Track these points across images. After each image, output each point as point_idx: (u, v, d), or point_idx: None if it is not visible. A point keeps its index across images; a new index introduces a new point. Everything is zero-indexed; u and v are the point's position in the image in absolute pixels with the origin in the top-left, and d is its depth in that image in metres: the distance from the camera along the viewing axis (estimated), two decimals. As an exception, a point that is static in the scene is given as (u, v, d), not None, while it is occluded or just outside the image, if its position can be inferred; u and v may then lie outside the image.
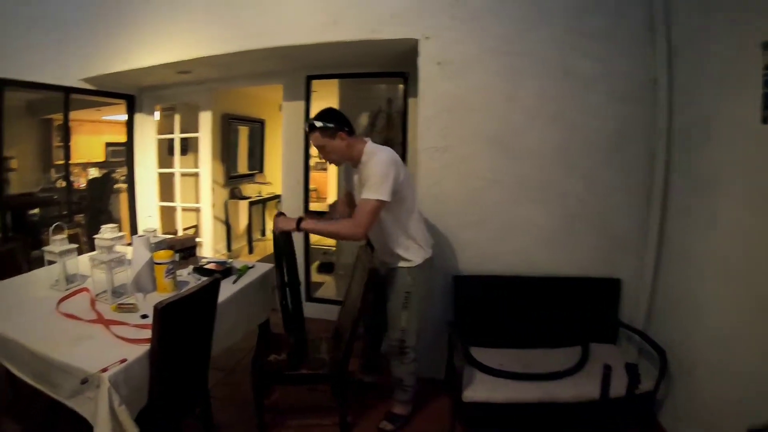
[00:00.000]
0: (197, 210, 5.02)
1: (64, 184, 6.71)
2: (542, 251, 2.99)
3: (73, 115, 6.67)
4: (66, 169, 4.60)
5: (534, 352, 2.79)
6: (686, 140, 2.59)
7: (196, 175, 4.93)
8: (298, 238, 4.30)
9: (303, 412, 2.86)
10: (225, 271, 2.70)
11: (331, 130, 2.30)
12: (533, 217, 2.96)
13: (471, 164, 2.96)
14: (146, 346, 1.80)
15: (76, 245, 2.52)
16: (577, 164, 2.88)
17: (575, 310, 2.91)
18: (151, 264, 2.38)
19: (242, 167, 7.37)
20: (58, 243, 2.46)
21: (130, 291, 2.37)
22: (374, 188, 2.21)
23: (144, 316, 2.09)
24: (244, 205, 6.83)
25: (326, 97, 4.65)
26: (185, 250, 2.86)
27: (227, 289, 2.48)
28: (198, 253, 3.02)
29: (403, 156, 3.92)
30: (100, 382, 1.63)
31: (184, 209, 5.15)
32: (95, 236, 2.57)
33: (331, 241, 6.33)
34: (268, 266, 2.89)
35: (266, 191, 7.65)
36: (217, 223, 6.58)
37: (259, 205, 7.46)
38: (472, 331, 2.86)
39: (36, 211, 5.15)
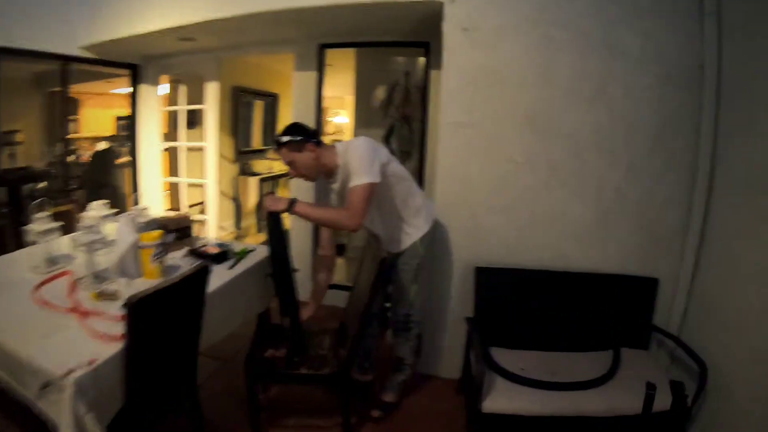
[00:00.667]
0: (203, 186, 4.77)
1: (73, 157, 6.59)
2: (574, 245, 2.71)
3: (81, 87, 6.70)
4: (65, 143, 4.42)
5: (559, 355, 2.53)
6: (734, 132, 2.29)
7: (202, 149, 4.68)
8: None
9: (302, 411, 2.64)
10: (221, 254, 2.46)
11: (298, 143, 2.20)
12: (565, 207, 2.67)
13: (499, 145, 2.66)
14: (121, 344, 1.58)
15: (60, 224, 2.30)
16: (616, 151, 2.57)
17: (606, 310, 2.63)
18: (137, 246, 2.14)
19: (253, 142, 7.13)
20: (40, 221, 2.24)
21: (113, 276, 2.13)
22: (361, 172, 2.11)
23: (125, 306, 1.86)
24: (254, 181, 6.60)
25: (342, 69, 4.37)
26: (180, 230, 2.63)
27: (222, 275, 2.27)
28: (201, 233, 2.79)
29: (423, 134, 3.65)
30: (63, 387, 1.40)
31: (190, 185, 4.93)
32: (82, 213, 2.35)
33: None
34: (266, 251, 2.64)
35: (278, 167, 7.39)
36: (225, 200, 6.37)
37: (270, 181, 7.21)
38: (492, 329, 2.60)
39: (43, 184, 4.98)
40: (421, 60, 3.68)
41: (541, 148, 2.64)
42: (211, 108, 4.39)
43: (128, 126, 4.84)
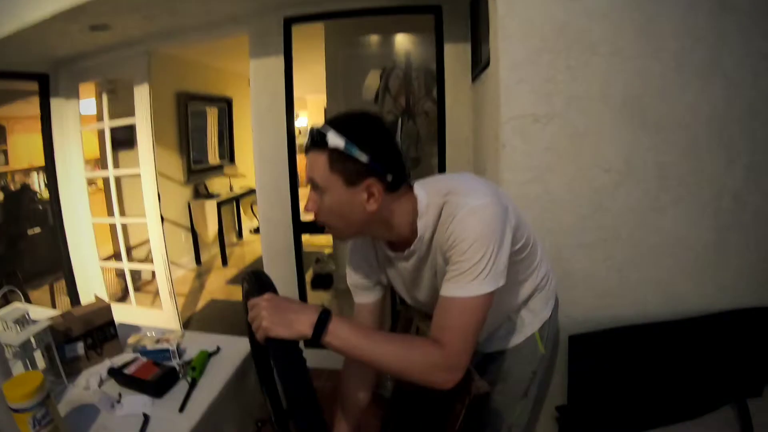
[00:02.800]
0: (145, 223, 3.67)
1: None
2: (687, 279, 1.87)
3: (2, 111, 5.76)
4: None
5: (676, 429, 1.83)
6: None
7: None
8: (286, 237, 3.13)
9: None
10: (162, 380, 1.43)
11: (355, 167, 1.02)
12: (679, 230, 1.82)
13: (591, 146, 1.74)
14: None
15: None
16: (734, 144, 1.77)
17: (724, 357, 1.89)
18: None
19: (209, 158, 6.08)
20: None
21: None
22: (477, 269, 1.00)
23: None
24: (211, 205, 5.53)
25: (302, 64, 3.32)
26: (93, 332, 1.59)
27: (168, 425, 1.26)
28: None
29: (441, 133, 2.68)
30: None
31: (128, 223, 3.88)
32: None
33: (326, 241, 5.07)
34: (243, 345, 1.61)
35: (239, 185, 6.36)
36: (180, 233, 5.31)
37: (231, 203, 6.17)
38: (590, 415, 1.86)
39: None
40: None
41: (646, 146, 1.75)
42: (143, 121, 3.26)
43: (45, 156, 3.71)
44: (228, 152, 6.52)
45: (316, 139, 1.03)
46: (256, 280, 1.05)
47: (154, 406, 1.34)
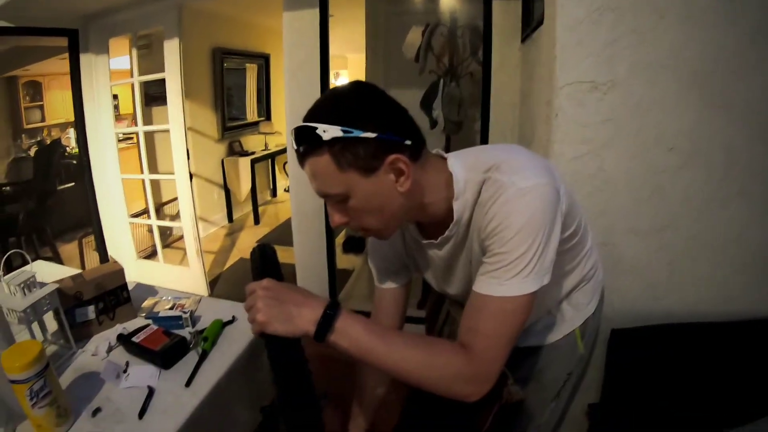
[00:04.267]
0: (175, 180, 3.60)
1: (35, 149, 5.57)
2: (743, 280, 1.68)
3: (38, 68, 5.77)
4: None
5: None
6: None
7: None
8: (316, 196, 3.02)
9: None
10: (172, 348, 1.34)
11: (367, 149, 0.83)
12: (742, 226, 1.62)
13: (655, 119, 1.54)
14: None
15: None
16: None
17: None
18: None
19: (242, 114, 6.00)
20: None
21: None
22: (519, 269, 0.83)
23: None
24: (245, 162, 5.45)
25: (342, 21, 3.16)
26: (105, 296, 1.52)
27: (174, 401, 1.17)
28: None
29: (486, 104, 2.50)
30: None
31: (157, 179, 3.88)
32: None
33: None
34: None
35: (274, 143, 6.25)
36: (213, 189, 5.29)
37: (266, 161, 6.09)
38: (625, 416, 1.73)
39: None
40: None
41: (715, 127, 1.54)
42: (173, 76, 3.16)
43: (75, 111, 3.65)
44: (266, 109, 6.43)
45: (307, 139, 0.85)
46: (259, 259, 0.92)
47: (161, 379, 1.27)
